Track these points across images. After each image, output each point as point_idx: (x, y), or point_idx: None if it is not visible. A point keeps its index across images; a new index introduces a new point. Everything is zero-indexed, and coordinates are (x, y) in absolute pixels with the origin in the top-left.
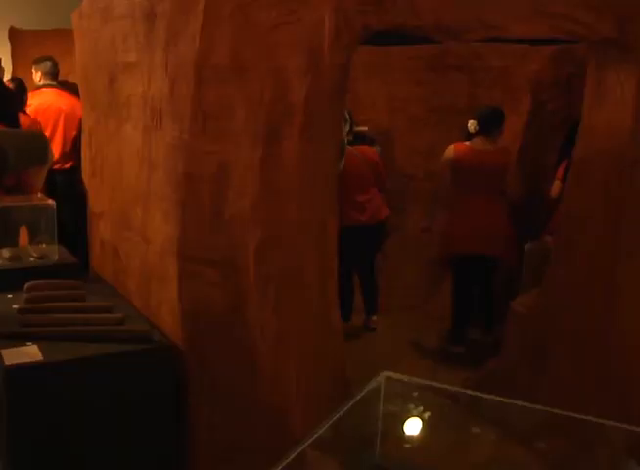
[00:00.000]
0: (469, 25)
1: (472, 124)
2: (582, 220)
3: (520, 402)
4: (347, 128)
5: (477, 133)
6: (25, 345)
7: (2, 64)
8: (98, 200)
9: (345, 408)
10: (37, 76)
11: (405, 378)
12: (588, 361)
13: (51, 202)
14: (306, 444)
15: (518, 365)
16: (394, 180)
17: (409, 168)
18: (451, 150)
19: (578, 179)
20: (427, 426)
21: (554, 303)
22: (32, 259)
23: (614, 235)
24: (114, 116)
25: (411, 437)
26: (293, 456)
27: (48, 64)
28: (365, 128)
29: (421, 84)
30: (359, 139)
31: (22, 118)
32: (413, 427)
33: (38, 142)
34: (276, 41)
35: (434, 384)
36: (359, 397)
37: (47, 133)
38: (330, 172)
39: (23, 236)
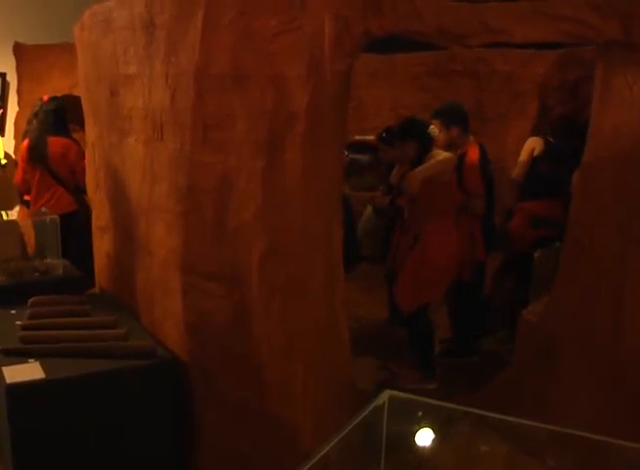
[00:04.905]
0: (472, 30)
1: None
2: (591, 224)
3: (526, 421)
4: None
5: None
6: (27, 362)
7: (7, 78)
8: (102, 213)
9: (349, 427)
10: None
11: (408, 396)
12: (599, 367)
13: (54, 216)
14: (311, 463)
15: (529, 373)
16: None
17: None
18: None
19: (587, 183)
20: (431, 445)
21: (563, 308)
22: (37, 274)
23: (623, 239)
24: (116, 128)
25: (415, 456)
26: None
27: None
28: (371, 137)
29: (426, 90)
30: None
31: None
32: (417, 446)
33: None
34: (276, 49)
35: (438, 403)
36: (363, 415)
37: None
38: (333, 180)
39: (28, 250)
